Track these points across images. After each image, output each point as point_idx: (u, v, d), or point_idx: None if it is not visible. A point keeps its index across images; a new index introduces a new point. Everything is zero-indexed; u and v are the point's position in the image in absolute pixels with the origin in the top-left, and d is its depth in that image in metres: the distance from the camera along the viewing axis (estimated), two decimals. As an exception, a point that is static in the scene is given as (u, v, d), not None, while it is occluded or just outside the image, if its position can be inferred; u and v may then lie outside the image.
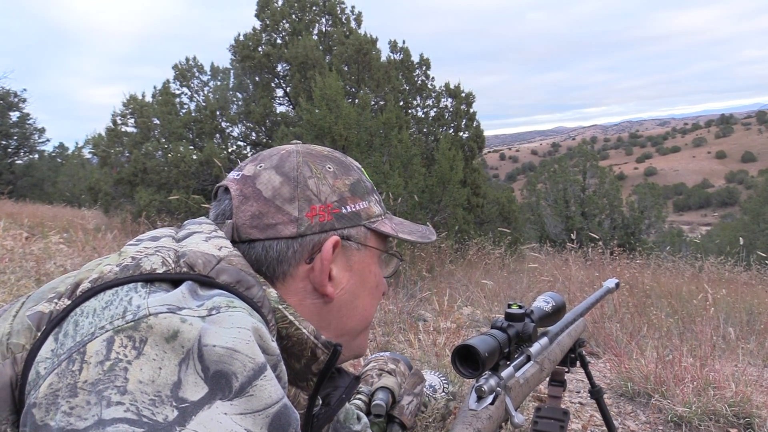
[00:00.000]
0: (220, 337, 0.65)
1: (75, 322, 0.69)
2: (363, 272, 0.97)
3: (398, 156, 9.06)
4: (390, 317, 3.90)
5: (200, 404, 0.60)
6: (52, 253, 5.65)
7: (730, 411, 2.52)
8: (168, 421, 0.58)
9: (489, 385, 1.03)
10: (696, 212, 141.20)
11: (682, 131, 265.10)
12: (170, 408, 0.59)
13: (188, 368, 0.62)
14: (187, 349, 0.63)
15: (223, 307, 0.70)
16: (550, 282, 5.91)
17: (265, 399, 0.64)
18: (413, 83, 13.37)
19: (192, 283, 0.75)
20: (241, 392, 0.63)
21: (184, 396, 0.60)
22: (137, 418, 0.58)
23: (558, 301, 1.31)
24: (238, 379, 0.63)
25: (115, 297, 0.70)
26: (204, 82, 13.90)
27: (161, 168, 11.89)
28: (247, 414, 0.63)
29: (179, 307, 0.68)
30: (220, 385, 0.62)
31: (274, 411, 0.65)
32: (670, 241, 17.68)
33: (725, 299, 5.34)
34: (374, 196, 1.01)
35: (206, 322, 0.67)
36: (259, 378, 0.65)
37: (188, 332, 0.64)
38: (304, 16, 13.45)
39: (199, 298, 0.72)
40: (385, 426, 1.72)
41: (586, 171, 17.85)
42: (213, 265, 0.79)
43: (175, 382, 0.61)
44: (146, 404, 0.59)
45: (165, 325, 0.65)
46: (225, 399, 0.62)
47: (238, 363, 0.64)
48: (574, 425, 2.43)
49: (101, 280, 0.74)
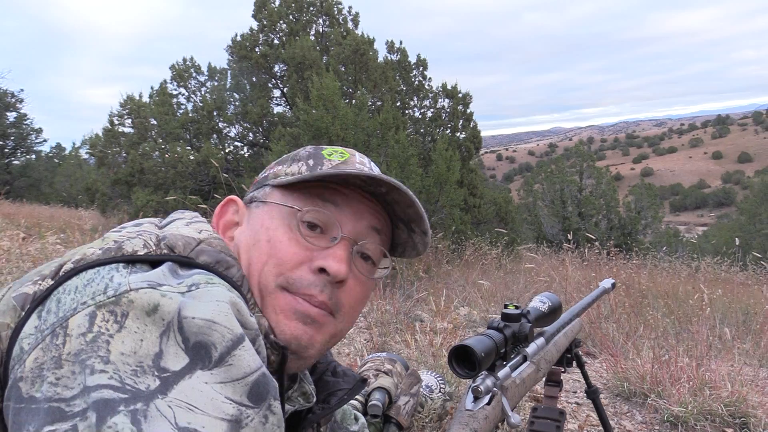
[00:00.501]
0: (199, 310, 0.67)
1: (57, 299, 0.70)
2: (255, 227, 0.95)
3: (395, 156, 9.06)
4: (387, 318, 3.91)
5: (181, 374, 0.62)
6: (49, 253, 5.64)
7: (726, 411, 2.53)
8: (150, 389, 0.60)
9: (485, 385, 1.03)
10: (692, 213, 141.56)
11: (678, 132, 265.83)
12: (152, 377, 0.61)
13: (169, 340, 0.64)
14: (168, 321, 0.65)
15: (202, 284, 0.72)
16: (546, 282, 5.92)
17: (243, 368, 0.66)
18: (410, 84, 13.37)
19: (172, 263, 0.76)
20: (221, 362, 0.65)
21: (165, 366, 0.62)
22: (120, 385, 0.59)
23: (554, 301, 1.31)
24: (217, 350, 0.65)
25: (97, 275, 0.71)
26: (201, 83, 13.89)
27: (158, 168, 11.88)
28: (227, 382, 0.64)
29: (159, 284, 0.70)
30: (200, 355, 0.64)
31: (252, 379, 0.66)
32: (667, 241, 17.73)
33: (721, 299, 5.36)
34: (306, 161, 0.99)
35: (185, 297, 0.68)
36: (237, 348, 0.66)
37: (168, 305, 0.66)
38: (301, 17, 13.44)
39: (179, 277, 0.74)
40: (381, 426, 1.72)
41: (583, 171, 17.88)
42: (193, 246, 0.81)
43: (157, 353, 0.63)
44: (128, 374, 0.60)
45: (145, 300, 0.66)
46: (205, 369, 0.64)
47: (217, 334, 0.66)
48: (570, 425, 2.43)
49: (84, 261, 0.75)
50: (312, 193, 0.95)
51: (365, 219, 0.98)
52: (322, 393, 1.07)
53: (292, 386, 1.01)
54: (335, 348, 3.40)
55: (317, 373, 1.12)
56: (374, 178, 0.93)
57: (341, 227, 0.94)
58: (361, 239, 0.97)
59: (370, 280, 1.00)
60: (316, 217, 0.93)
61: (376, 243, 1.00)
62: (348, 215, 0.96)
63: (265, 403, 0.67)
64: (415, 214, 1.00)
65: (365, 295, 1.00)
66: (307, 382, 1.04)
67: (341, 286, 0.93)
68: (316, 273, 0.91)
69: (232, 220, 1.00)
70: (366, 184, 0.95)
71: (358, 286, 0.97)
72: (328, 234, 0.94)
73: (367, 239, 0.98)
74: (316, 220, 0.93)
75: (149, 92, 13.55)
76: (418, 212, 0.98)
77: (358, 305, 0.99)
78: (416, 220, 1.01)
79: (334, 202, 0.95)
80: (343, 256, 0.92)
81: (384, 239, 1.02)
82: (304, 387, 1.02)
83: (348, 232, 0.95)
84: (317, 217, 0.93)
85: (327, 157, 0.99)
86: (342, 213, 0.95)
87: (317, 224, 0.94)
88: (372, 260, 1.00)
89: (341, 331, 0.97)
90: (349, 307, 0.96)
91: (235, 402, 0.64)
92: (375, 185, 0.95)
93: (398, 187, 0.94)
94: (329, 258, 0.91)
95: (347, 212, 0.96)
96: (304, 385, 1.02)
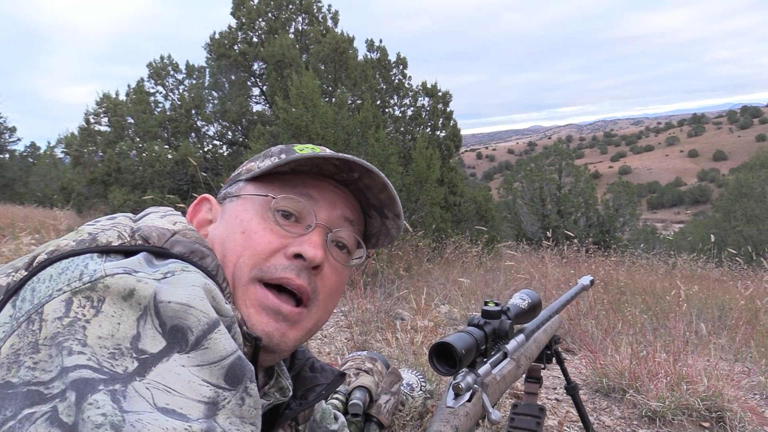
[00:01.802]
0: (175, 294, 0.68)
1: (32, 288, 0.70)
2: (228, 220, 0.96)
3: (375, 155, 9.05)
4: (367, 316, 3.90)
5: (159, 357, 0.63)
6: (23, 254, 5.53)
7: (703, 405, 2.57)
8: (128, 372, 0.60)
9: (466, 382, 1.03)
10: (669, 210, 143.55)
11: (655, 130, 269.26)
12: (130, 359, 0.61)
13: (146, 323, 0.64)
14: (144, 306, 0.66)
15: (177, 271, 0.73)
16: (526, 280, 5.96)
17: (219, 351, 0.67)
18: (390, 82, 13.37)
19: (147, 254, 0.77)
20: (197, 345, 0.65)
21: (143, 348, 0.63)
22: (98, 367, 0.59)
23: (534, 298, 1.32)
24: (193, 333, 0.66)
25: (71, 264, 0.71)
26: (179, 81, 13.74)
27: (135, 167, 11.74)
28: (204, 366, 0.65)
29: (135, 270, 0.70)
30: (177, 338, 0.65)
31: (228, 362, 0.67)
32: (644, 238, 17.97)
33: (697, 296, 5.43)
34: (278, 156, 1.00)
35: (161, 283, 0.69)
36: (213, 332, 0.67)
37: (144, 290, 0.67)
38: (280, 15, 13.37)
39: (154, 266, 0.74)
40: (362, 425, 1.71)
41: (561, 170, 18.04)
42: (167, 237, 0.82)
43: (135, 336, 0.63)
44: (106, 357, 0.60)
45: (121, 284, 0.67)
46: (182, 352, 0.64)
47: (193, 318, 0.67)
48: (550, 421, 2.45)
49: (57, 252, 0.76)
50: (286, 182, 0.96)
51: (338, 209, 0.99)
52: (301, 389, 1.08)
53: (268, 382, 1.01)
54: (315, 348, 3.38)
55: (295, 369, 1.12)
56: (348, 161, 0.94)
57: (315, 215, 0.96)
58: (335, 227, 0.99)
59: (346, 269, 1.02)
60: (290, 205, 0.95)
61: (350, 232, 1.01)
62: (322, 205, 0.97)
63: (242, 385, 0.67)
64: (388, 198, 1.02)
65: (341, 283, 1.02)
66: (284, 377, 1.04)
67: (317, 273, 0.94)
68: (291, 259, 0.91)
69: (205, 218, 1.00)
70: (339, 170, 0.97)
71: (334, 274, 0.98)
72: (302, 222, 0.95)
73: (341, 228, 1.00)
74: (291, 209, 0.95)
75: (126, 90, 13.38)
76: (390, 195, 1.01)
77: (334, 293, 1.00)
78: (389, 204, 1.03)
79: (307, 194, 0.96)
80: (319, 242, 0.93)
81: (357, 229, 1.04)
82: (281, 382, 1.03)
83: (322, 220, 0.96)
84: (291, 205, 0.95)
85: (299, 151, 0.99)
86: (316, 203, 0.97)
87: (292, 213, 0.95)
88: (347, 248, 1.02)
89: (317, 323, 0.98)
90: (325, 295, 0.97)
91: (212, 384, 0.64)
92: (348, 170, 0.96)
93: (371, 170, 0.96)
94: (305, 244, 0.92)
95: (321, 202, 0.97)
96: (281, 380, 1.03)
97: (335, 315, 4.12)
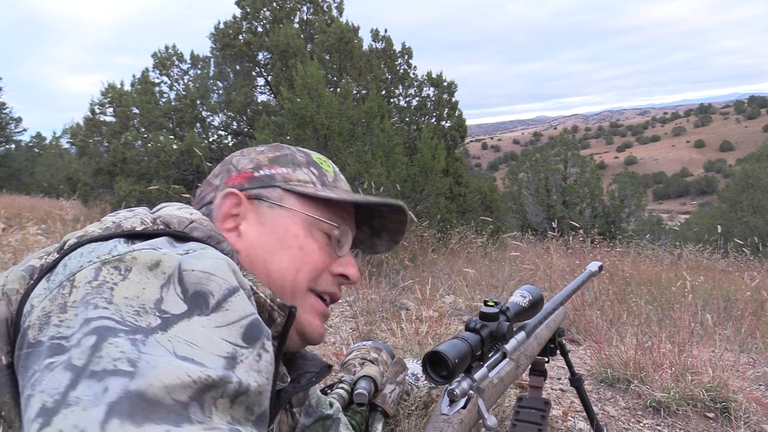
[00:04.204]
0: (198, 264, 0.73)
1: (64, 264, 0.75)
2: (278, 231, 1.02)
3: (380, 145, 9.04)
4: (372, 306, 3.91)
5: (180, 317, 0.66)
6: (29, 244, 5.57)
7: (708, 396, 2.56)
8: (151, 326, 0.63)
9: (461, 388, 1.02)
10: (675, 201, 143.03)
11: (661, 120, 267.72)
12: (153, 317, 0.64)
13: (169, 290, 0.69)
14: (168, 275, 0.70)
15: (198, 249, 0.79)
16: (531, 270, 5.96)
17: (239, 312, 0.70)
18: (395, 72, 13.33)
19: (168, 237, 0.83)
20: (217, 308, 0.69)
21: (166, 309, 0.66)
22: (121, 320, 0.63)
23: (535, 294, 1.29)
24: (214, 297, 0.70)
25: (100, 245, 0.77)
26: (184, 71, 13.73)
27: (141, 158, 11.77)
28: (223, 326, 0.68)
29: (159, 247, 0.76)
30: (198, 303, 0.68)
31: (247, 322, 0.70)
32: (650, 229, 17.90)
33: (703, 286, 5.41)
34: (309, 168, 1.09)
35: (184, 256, 0.74)
36: (233, 296, 0.72)
37: (169, 261, 0.72)
38: (284, 4, 13.33)
39: (176, 247, 0.80)
40: (367, 414, 1.72)
41: (567, 160, 17.98)
42: (186, 224, 0.89)
43: (158, 299, 0.67)
44: (130, 314, 0.64)
45: (148, 257, 0.72)
46: (202, 314, 0.67)
47: (214, 284, 0.71)
48: (554, 411, 2.45)
49: (86, 236, 0.82)
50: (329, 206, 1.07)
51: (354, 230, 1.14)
52: (293, 373, 1.13)
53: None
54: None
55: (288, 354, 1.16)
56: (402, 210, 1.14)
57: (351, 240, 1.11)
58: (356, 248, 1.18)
59: None
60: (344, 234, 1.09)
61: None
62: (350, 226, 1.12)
63: (259, 342, 0.71)
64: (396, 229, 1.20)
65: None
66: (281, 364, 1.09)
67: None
68: (336, 276, 1.08)
69: (230, 212, 1.03)
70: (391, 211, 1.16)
71: None
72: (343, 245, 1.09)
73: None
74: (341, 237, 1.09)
75: (131, 81, 13.37)
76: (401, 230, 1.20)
77: None
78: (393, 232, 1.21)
79: (342, 218, 1.09)
80: (355, 264, 1.12)
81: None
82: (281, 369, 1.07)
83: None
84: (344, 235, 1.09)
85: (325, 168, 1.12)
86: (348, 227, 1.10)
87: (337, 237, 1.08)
88: None
89: None
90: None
91: (230, 342, 0.67)
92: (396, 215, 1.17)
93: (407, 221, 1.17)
94: (349, 266, 1.09)
95: (349, 223, 1.12)
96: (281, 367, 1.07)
97: (340, 305, 4.13)
